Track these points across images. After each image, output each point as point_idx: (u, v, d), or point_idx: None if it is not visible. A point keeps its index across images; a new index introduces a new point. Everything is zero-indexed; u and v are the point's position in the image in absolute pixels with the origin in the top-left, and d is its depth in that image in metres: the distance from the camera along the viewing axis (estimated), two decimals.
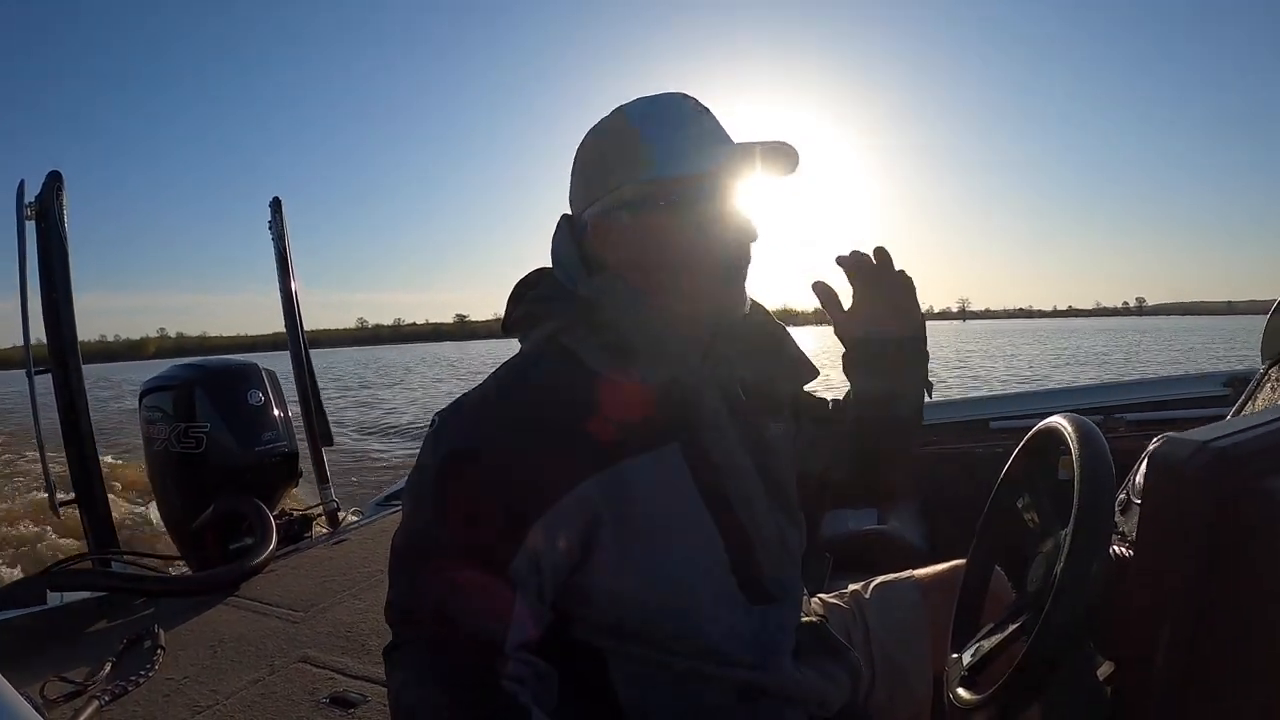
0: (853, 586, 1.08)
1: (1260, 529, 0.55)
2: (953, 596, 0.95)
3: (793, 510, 0.86)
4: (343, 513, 3.19)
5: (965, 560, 0.98)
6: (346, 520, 3.14)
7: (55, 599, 2.03)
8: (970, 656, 0.81)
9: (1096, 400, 2.36)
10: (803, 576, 0.90)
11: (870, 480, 0.99)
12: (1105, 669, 0.74)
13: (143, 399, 2.72)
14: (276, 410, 2.76)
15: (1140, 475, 0.90)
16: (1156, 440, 0.94)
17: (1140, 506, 0.74)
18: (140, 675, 1.59)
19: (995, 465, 0.94)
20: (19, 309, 2.48)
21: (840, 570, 1.55)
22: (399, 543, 0.73)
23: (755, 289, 0.83)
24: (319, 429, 3.30)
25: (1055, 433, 0.78)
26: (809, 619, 0.89)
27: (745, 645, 0.79)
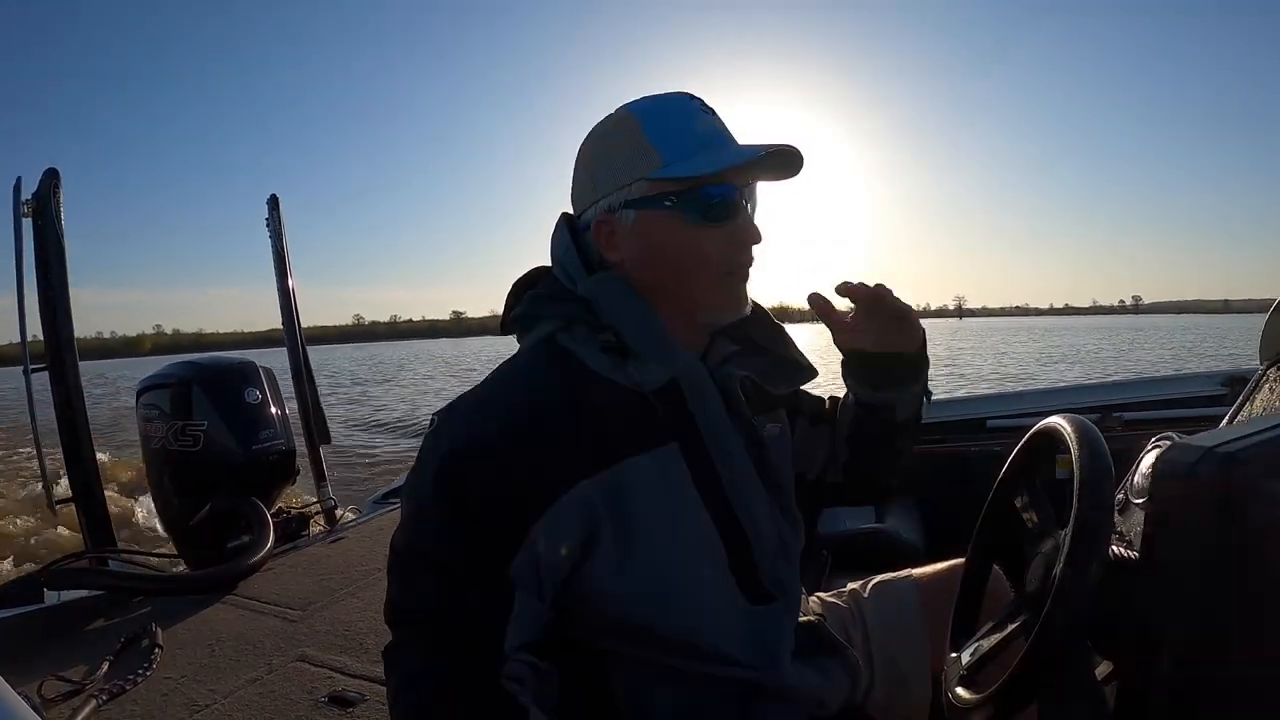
0: (851, 586, 1.08)
1: (1268, 532, 0.55)
2: (951, 596, 0.95)
3: (791, 510, 0.86)
4: (340, 511, 3.19)
5: (963, 560, 0.98)
6: (344, 518, 3.13)
7: (52, 598, 2.02)
8: (969, 656, 0.81)
9: (1093, 399, 2.37)
10: (801, 576, 0.90)
11: (867, 481, 1.00)
12: (1103, 669, 0.75)
13: (140, 397, 2.71)
14: (274, 408, 2.75)
15: (1139, 475, 0.90)
16: (1155, 440, 0.94)
17: (1147, 510, 0.74)
18: (138, 674, 1.59)
19: (991, 464, 0.94)
20: (15, 306, 2.47)
21: (838, 569, 1.55)
22: (398, 542, 0.73)
23: (753, 287, 0.83)
24: (317, 427, 3.29)
25: (1055, 433, 0.79)
26: (808, 618, 0.89)
27: (744, 645, 0.79)
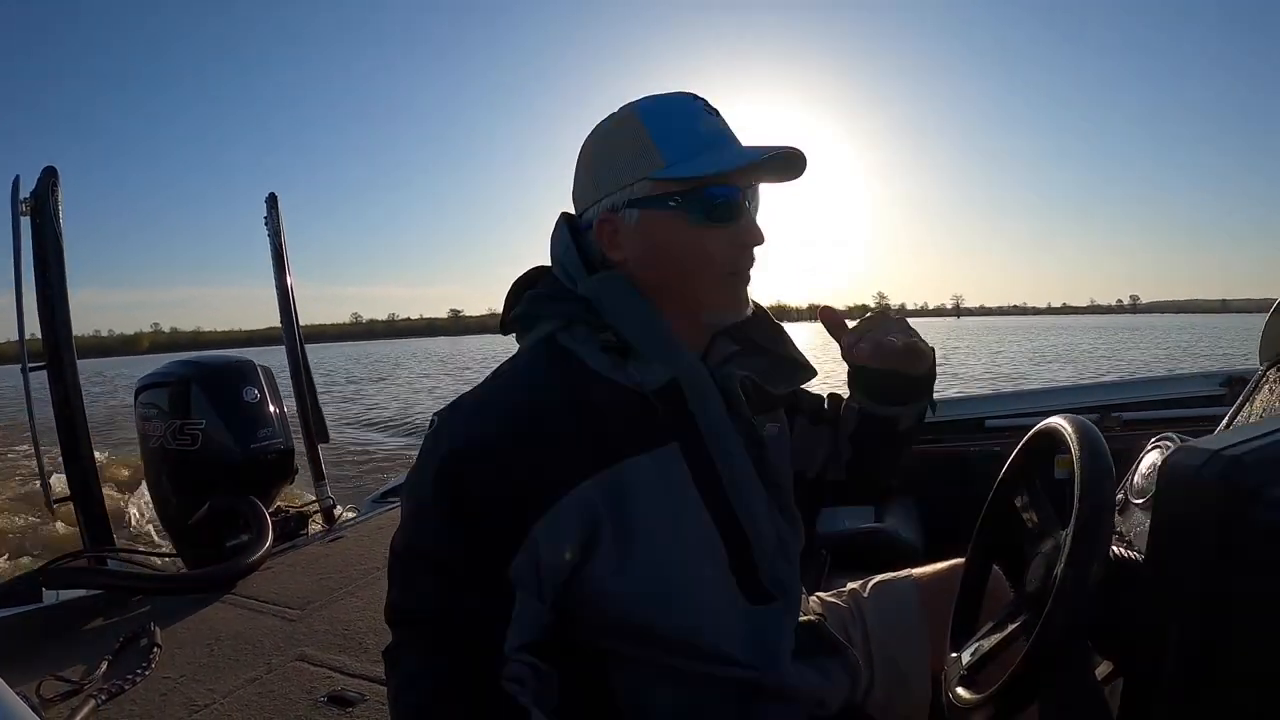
0: (851, 585, 1.08)
1: (1272, 535, 0.55)
2: (951, 596, 0.94)
3: (790, 509, 0.86)
4: (339, 510, 3.18)
5: (963, 559, 0.98)
6: (342, 517, 3.13)
7: (51, 597, 2.02)
8: (970, 656, 0.81)
9: (1092, 399, 2.37)
10: (800, 575, 0.90)
11: (867, 482, 1.00)
12: (1104, 669, 0.75)
13: (138, 395, 2.71)
14: (272, 407, 2.75)
15: (1138, 475, 0.90)
16: (1155, 441, 0.94)
17: (1149, 511, 0.74)
18: (137, 674, 1.59)
19: (990, 464, 0.94)
20: (14, 305, 2.47)
21: (837, 569, 1.56)
22: (398, 543, 0.73)
23: (752, 286, 0.82)
24: (315, 426, 3.29)
25: (1055, 433, 0.79)
26: (808, 618, 0.89)
27: (744, 645, 0.79)
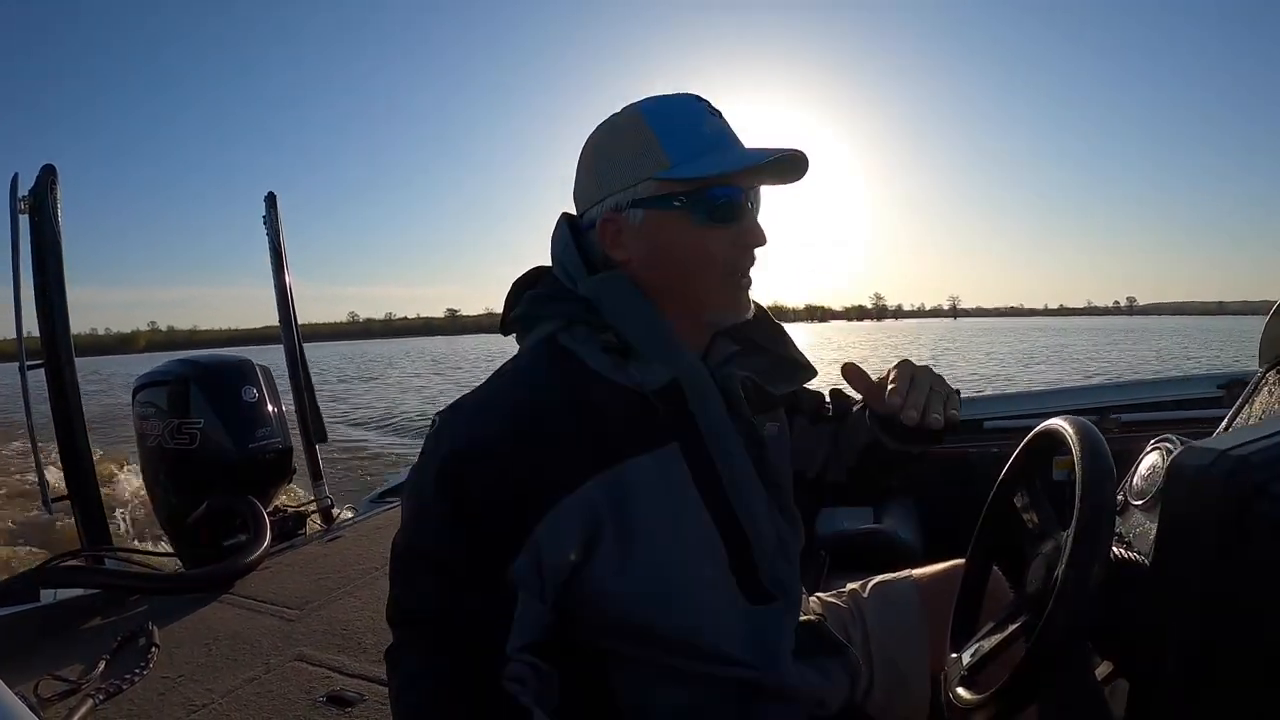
0: (851, 586, 1.08)
1: (1278, 534, 0.55)
2: (951, 596, 0.95)
3: (790, 509, 0.86)
4: (337, 510, 3.18)
5: (962, 560, 0.98)
6: (341, 517, 3.13)
7: (48, 596, 2.01)
8: (970, 657, 0.81)
9: (1091, 400, 2.37)
10: (800, 575, 0.90)
11: (868, 485, 1.00)
12: (1103, 669, 0.75)
13: (136, 394, 2.70)
14: (271, 406, 2.75)
15: (1138, 477, 0.90)
16: (1155, 442, 0.94)
17: (1150, 512, 0.75)
18: (135, 673, 1.59)
19: (989, 465, 0.94)
20: (12, 303, 2.46)
21: (836, 570, 1.56)
22: (400, 543, 0.73)
23: (752, 287, 0.82)
24: (313, 425, 3.28)
25: (1056, 434, 0.79)
26: (808, 618, 0.89)
27: (745, 645, 0.79)
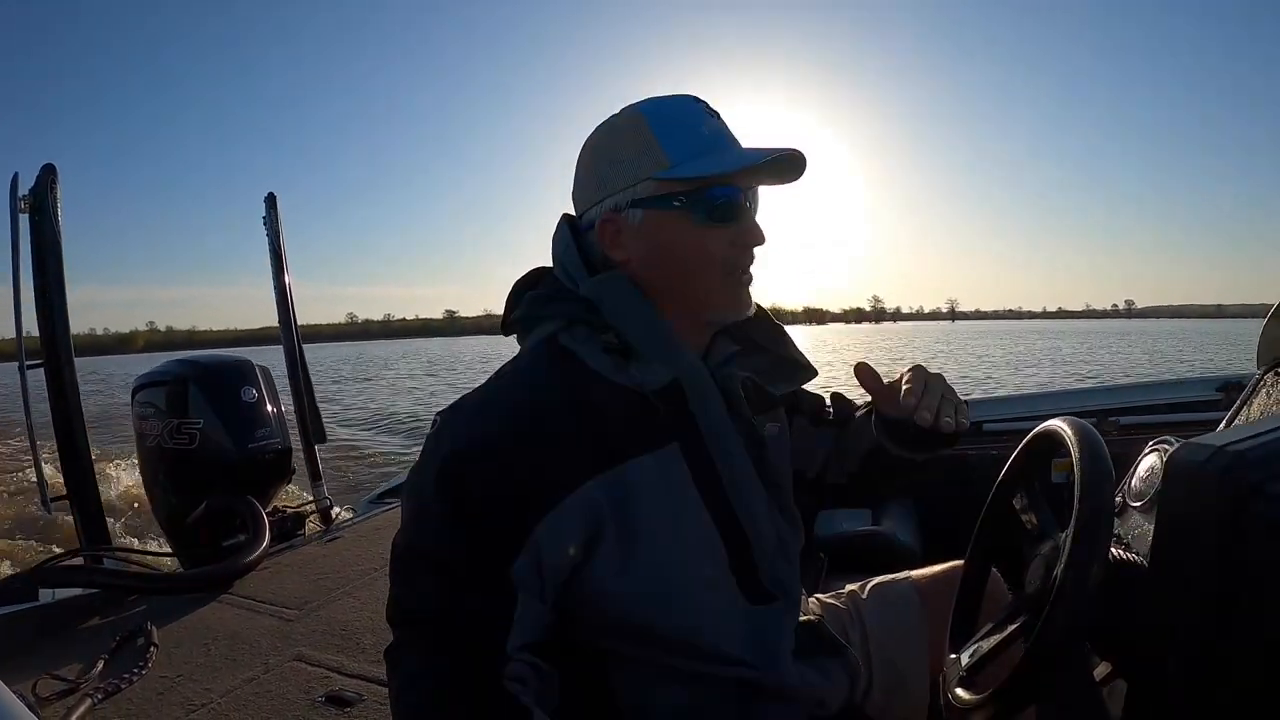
0: (850, 587, 1.08)
1: (1274, 530, 0.55)
2: (949, 597, 0.95)
3: (791, 510, 0.86)
4: (336, 510, 3.18)
5: (961, 561, 0.98)
6: (340, 518, 3.13)
7: (47, 596, 2.01)
8: (968, 657, 0.82)
9: (1090, 403, 2.37)
10: (799, 576, 0.90)
11: (869, 490, 1.00)
12: (1102, 670, 0.75)
13: (135, 394, 2.70)
14: (270, 407, 2.74)
15: (1136, 479, 0.91)
16: (1153, 444, 0.94)
17: (1156, 509, 0.75)
18: (133, 673, 1.59)
19: (988, 467, 0.94)
20: (11, 302, 2.46)
21: (834, 571, 1.56)
22: (400, 543, 0.73)
23: (754, 286, 0.82)
24: (312, 426, 3.28)
25: (1055, 435, 0.79)
26: (807, 618, 0.89)
27: (745, 645, 0.79)
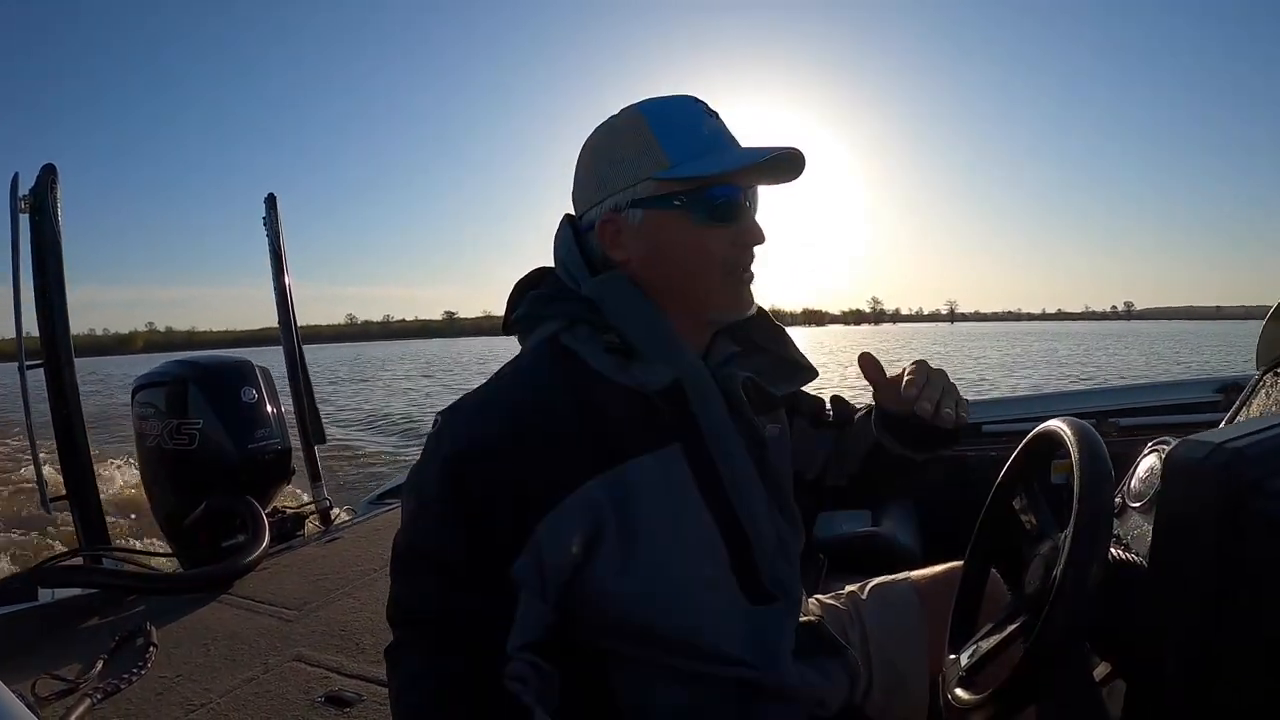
0: (849, 587, 1.08)
1: (1273, 526, 0.56)
2: (949, 598, 0.95)
3: (791, 510, 0.87)
4: (335, 511, 3.18)
5: (960, 562, 0.98)
6: (339, 518, 3.13)
7: (46, 596, 2.01)
8: (968, 658, 0.82)
9: (1089, 404, 2.38)
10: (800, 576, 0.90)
11: (869, 492, 1.00)
12: (1101, 670, 0.75)
13: (135, 395, 2.70)
14: (270, 407, 2.75)
15: (1135, 479, 0.91)
16: (1152, 445, 0.95)
17: (1156, 507, 0.75)
18: (133, 673, 1.59)
19: (987, 468, 0.94)
20: (11, 302, 2.46)
21: (834, 572, 1.56)
22: (401, 543, 0.73)
23: (755, 285, 0.82)
24: (312, 426, 3.28)
25: (1055, 435, 0.79)
26: (807, 619, 0.89)
27: (745, 645, 0.79)
